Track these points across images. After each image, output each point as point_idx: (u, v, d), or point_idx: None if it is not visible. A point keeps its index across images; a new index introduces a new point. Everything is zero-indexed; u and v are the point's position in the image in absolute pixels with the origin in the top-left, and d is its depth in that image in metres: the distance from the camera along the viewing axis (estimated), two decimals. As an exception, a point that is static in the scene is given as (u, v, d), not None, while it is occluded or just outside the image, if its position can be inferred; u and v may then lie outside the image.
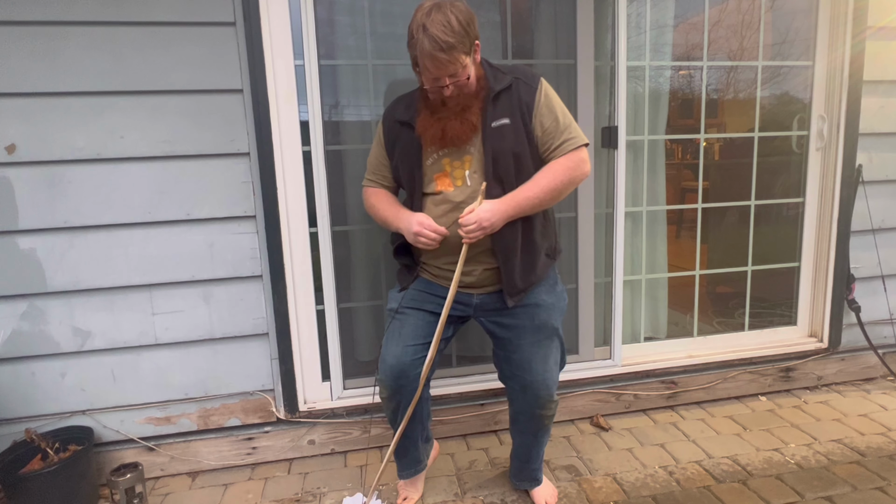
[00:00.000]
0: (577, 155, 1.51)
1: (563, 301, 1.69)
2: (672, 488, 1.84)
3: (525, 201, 1.48)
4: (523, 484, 1.84)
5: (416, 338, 1.61)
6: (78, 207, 1.81)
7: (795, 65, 2.45)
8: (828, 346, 2.53)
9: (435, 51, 1.36)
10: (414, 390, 1.61)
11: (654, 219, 2.46)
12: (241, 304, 1.97)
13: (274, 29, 1.87)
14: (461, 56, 1.40)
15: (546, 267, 1.63)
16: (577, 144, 1.51)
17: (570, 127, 1.52)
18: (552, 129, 1.51)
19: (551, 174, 1.50)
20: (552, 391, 1.64)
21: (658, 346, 2.47)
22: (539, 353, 1.62)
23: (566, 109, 1.55)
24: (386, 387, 1.62)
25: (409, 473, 1.83)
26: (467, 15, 1.41)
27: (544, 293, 1.63)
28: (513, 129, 1.49)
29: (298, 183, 1.97)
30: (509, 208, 1.47)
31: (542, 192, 1.49)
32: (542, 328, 1.62)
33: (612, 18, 2.13)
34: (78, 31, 1.72)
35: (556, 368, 1.67)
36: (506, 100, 1.50)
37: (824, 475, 1.88)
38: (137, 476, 1.79)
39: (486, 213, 1.45)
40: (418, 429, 1.76)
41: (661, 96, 2.40)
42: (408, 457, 1.80)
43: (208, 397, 2.01)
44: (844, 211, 2.42)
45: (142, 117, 1.80)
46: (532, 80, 1.52)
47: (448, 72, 1.41)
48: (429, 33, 1.36)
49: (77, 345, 1.88)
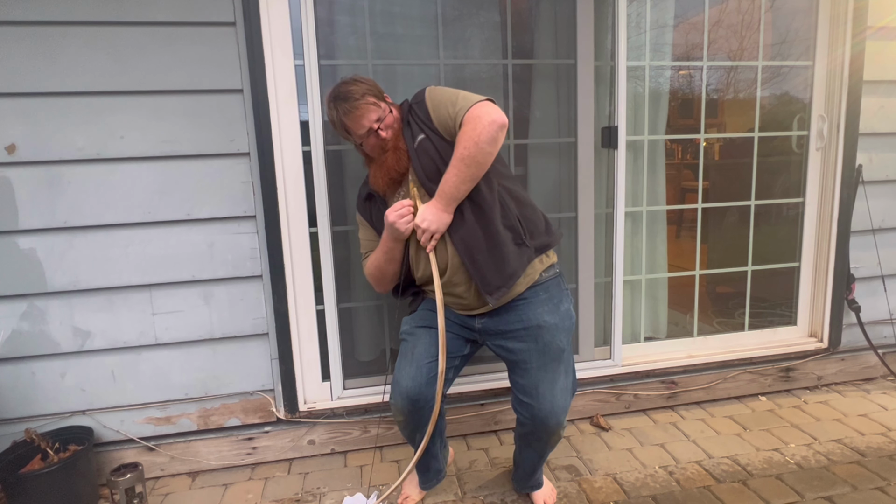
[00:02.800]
0: (472, 115, 1.43)
1: (570, 320, 1.62)
2: (672, 488, 1.84)
3: (445, 183, 1.45)
4: (526, 490, 1.83)
5: (429, 356, 1.60)
6: (78, 207, 1.81)
7: (795, 65, 2.45)
8: (828, 346, 2.53)
9: (349, 106, 1.50)
10: (431, 408, 1.58)
11: (654, 219, 2.46)
12: (241, 304, 1.97)
13: (274, 29, 1.87)
14: (376, 100, 1.53)
15: (520, 258, 1.53)
16: (467, 106, 1.45)
17: (455, 100, 1.49)
18: (445, 114, 1.50)
19: (458, 145, 1.44)
20: (561, 419, 1.55)
21: (658, 346, 2.47)
22: (546, 378, 1.55)
23: (452, 91, 1.53)
24: (400, 410, 1.59)
25: (432, 484, 1.85)
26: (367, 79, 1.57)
27: (547, 313, 1.56)
28: (429, 141, 1.52)
29: (298, 183, 1.97)
30: (438, 197, 1.47)
31: (454, 166, 1.43)
32: (546, 350, 1.55)
33: (612, 18, 2.13)
34: (78, 31, 1.72)
35: (565, 395, 1.58)
36: (413, 122, 1.56)
37: (824, 475, 1.88)
38: (137, 476, 1.79)
39: (419, 215, 1.50)
40: (438, 443, 1.78)
41: (661, 96, 2.40)
42: (431, 470, 1.82)
43: (208, 397, 2.01)
44: (844, 211, 2.42)
45: (142, 117, 1.80)
46: (418, 95, 1.58)
47: (372, 118, 1.52)
48: (337, 95, 1.52)
49: (77, 345, 1.88)
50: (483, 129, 1.40)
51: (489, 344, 1.67)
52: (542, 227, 1.62)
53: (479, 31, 2.14)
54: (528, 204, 1.62)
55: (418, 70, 2.11)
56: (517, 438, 1.74)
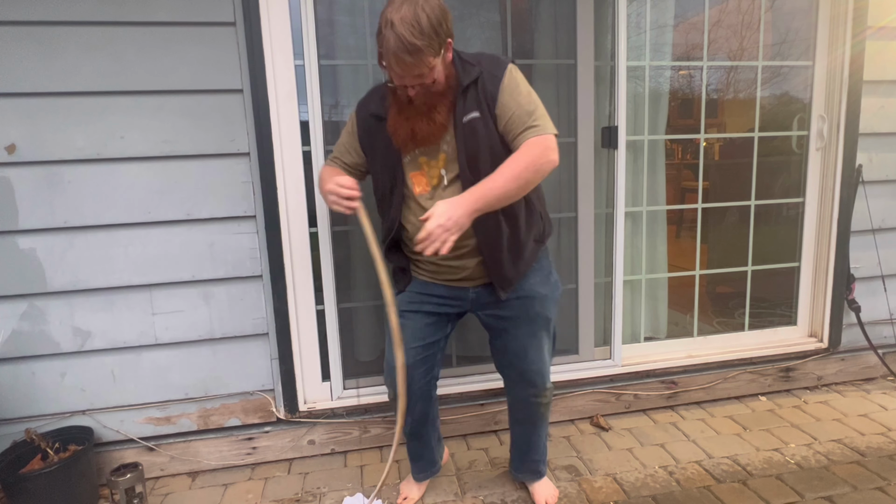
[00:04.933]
0: (543, 142, 1.39)
1: (558, 291, 1.68)
2: (672, 488, 1.84)
3: (490, 192, 1.36)
4: (524, 476, 1.84)
5: (415, 340, 1.63)
6: (78, 207, 1.81)
7: (795, 65, 2.45)
8: (828, 346, 2.53)
9: (400, 52, 1.29)
10: (419, 391, 1.67)
11: (654, 219, 2.46)
12: (241, 304, 1.97)
13: (274, 29, 1.86)
14: (428, 59, 1.32)
15: (534, 252, 1.60)
16: (542, 132, 1.41)
17: (534, 113, 1.42)
18: (516, 116, 1.41)
19: (514, 163, 1.38)
20: (546, 379, 1.70)
21: (658, 346, 2.47)
22: (534, 343, 1.65)
23: (534, 97, 1.45)
24: (392, 388, 1.69)
25: (424, 476, 1.85)
26: (439, 12, 1.31)
27: (539, 285, 1.62)
28: (483, 123, 1.42)
29: (298, 183, 1.97)
30: (473, 202, 1.35)
31: (505, 181, 1.36)
32: (536, 319, 1.63)
33: (612, 18, 2.13)
34: (78, 31, 1.72)
35: (549, 357, 1.71)
36: (474, 93, 1.43)
37: (824, 475, 1.88)
38: (137, 476, 1.78)
39: (443, 214, 1.32)
40: (429, 430, 1.79)
41: (661, 96, 2.40)
42: (423, 459, 1.82)
43: (208, 397, 2.01)
44: (844, 211, 2.42)
45: (142, 117, 1.80)
46: (497, 68, 1.43)
47: (413, 73, 1.34)
48: (396, 31, 1.27)
49: (77, 345, 1.88)
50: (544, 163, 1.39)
51: (479, 313, 1.68)
52: (548, 219, 1.67)
53: (479, 30, 2.14)
54: (538, 202, 1.62)
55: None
56: (510, 416, 1.82)
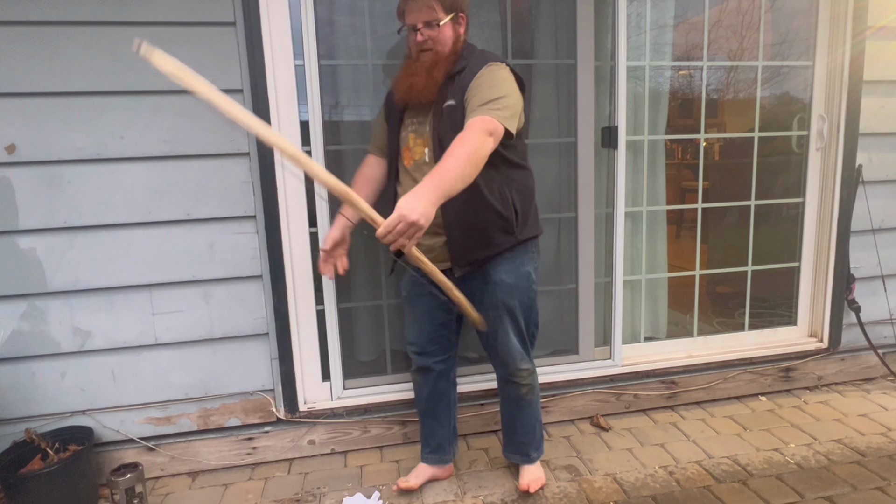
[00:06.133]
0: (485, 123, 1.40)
1: (527, 282, 1.70)
2: (672, 488, 1.84)
3: (446, 173, 1.30)
4: (511, 456, 1.89)
5: (425, 321, 1.78)
6: (78, 207, 1.81)
7: (795, 65, 2.45)
8: (828, 346, 2.53)
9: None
10: (436, 369, 1.82)
11: (654, 219, 2.46)
12: (241, 304, 1.97)
13: (274, 29, 1.86)
14: (437, 7, 1.52)
15: (503, 243, 1.63)
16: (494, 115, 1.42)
17: (490, 102, 1.44)
18: (474, 101, 1.47)
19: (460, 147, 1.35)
20: (517, 360, 1.75)
21: (658, 346, 2.47)
22: (501, 327, 1.71)
23: (504, 91, 1.47)
24: (412, 359, 1.85)
25: (432, 459, 1.90)
26: None
27: (504, 272, 1.65)
28: (456, 111, 1.52)
29: (298, 183, 1.97)
30: (432, 187, 1.27)
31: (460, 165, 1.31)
32: (499, 305, 1.68)
33: (612, 18, 2.13)
34: (78, 31, 1.72)
35: (516, 341, 1.74)
36: (457, 82, 1.55)
37: (824, 475, 1.88)
38: (137, 476, 1.78)
39: (409, 206, 1.22)
40: (444, 410, 1.88)
41: (661, 96, 2.40)
42: (434, 439, 1.89)
43: (208, 397, 2.01)
44: (844, 211, 2.42)
45: (142, 117, 1.80)
46: (479, 64, 1.54)
47: (422, 17, 1.53)
48: None
49: (77, 345, 1.88)
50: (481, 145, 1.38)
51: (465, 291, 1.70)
52: (533, 218, 1.72)
53: (479, 30, 2.14)
54: (528, 196, 1.69)
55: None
56: (499, 395, 1.90)
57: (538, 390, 1.86)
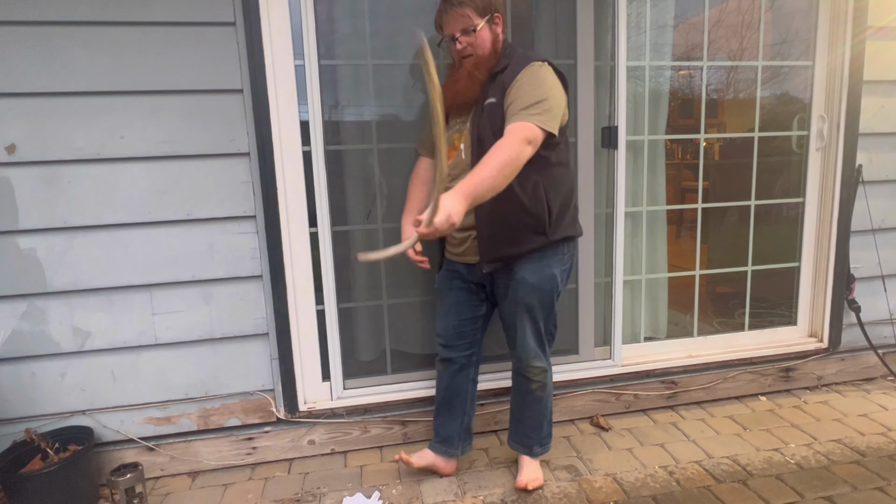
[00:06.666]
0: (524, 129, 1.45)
1: (550, 284, 1.70)
2: (672, 488, 1.84)
3: (479, 182, 1.40)
4: (514, 445, 1.91)
5: (451, 315, 1.84)
6: (78, 207, 1.81)
7: (795, 65, 2.45)
8: (828, 346, 2.53)
9: (446, 4, 1.56)
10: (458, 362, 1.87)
11: (654, 219, 2.46)
12: (241, 304, 1.97)
13: (274, 29, 1.86)
14: (472, 14, 1.55)
15: (533, 242, 1.65)
16: (533, 120, 1.46)
17: (530, 105, 1.48)
18: (513, 103, 1.51)
19: (497, 154, 1.43)
20: (530, 357, 1.77)
21: (658, 346, 2.47)
22: (518, 323, 1.74)
23: (545, 92, 1.50)
24: (439, 340, 1.90)
25: (438, 448, 1.93)
26: None
27: (529, 272, 1.67)
28: (496, 108, 1.55)
29: (298, 183, 1.97)
30: (466, 194, 1.38)
31: (492, 171, 1.40)
32: (520, 302, 1.71)
33: (612, 18, 2.13)
34: (78, 31, 1.72)
35: (532, 340, 1.75)
36: (499, 81, 1.58)
37: (824, 475, 1.88)
38: (137, 476, 1.78)
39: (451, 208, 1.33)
40: (458, 405, 1.91)
41: (661, 96, 2.40)
42: (445, 431, 1.92)
43: (208, 397, 2.01)
44: (844, 211, 2.42)
45: (142, 117, 1.80)
46: (520, 64, 1.55)
47: (458, 26, 1.57)
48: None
49: (77, 345, 1.88)
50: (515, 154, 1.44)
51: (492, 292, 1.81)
52: (570, 219, 1.72)
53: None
54: (566, 196, 1.70)
55: (419, 70, 2.11)
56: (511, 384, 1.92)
57: (551, 389, 1.86)
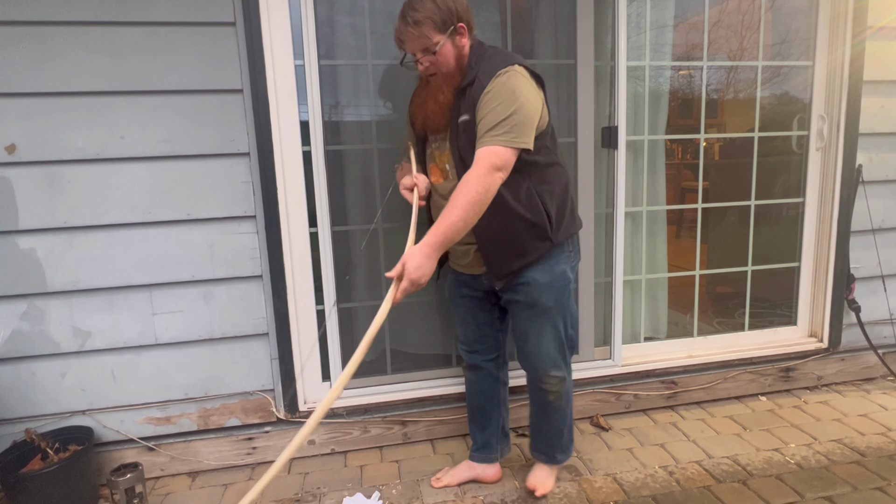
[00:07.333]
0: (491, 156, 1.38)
1: (562, 282, 1.66)
2: (672, 488, 1.84)
3: (450, 229, 1.37)
4: (538, 456, 1.86)
5: (468, 321, 1.82)
6: (78, 207, 1.81)
7: (795, 65, 2.45)
8: (828, 346, 2.53)
9: (402, 23, 1.45)
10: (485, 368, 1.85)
11: (654, 219, 2.46)
12: (241, 304, 1.97)
13: (274, 29, 1.86)
14: (430, 32, 1.44)
15: (539, 249, 1.60)
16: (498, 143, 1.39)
17: (497, 125, 1.39)
18: (483, 125, 1.42)
19: (465, 192, 1.37)
20: (547, 365, 1.70)
21: (658, 346, 2.47)
22: (534, 329, 1.67)
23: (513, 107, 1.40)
24: (462, 347, 1.88)
25: (478, 457, 1.90)
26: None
27: (538, 273, 1.62)
28: (472, 125, 1.46)
29: (298, 183, 1.97)
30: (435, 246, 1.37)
31: (462, 213, 1.37)
32: (534, 305, 1.64)
33: (612, 18, 2.13)
34: (78, 31, 1.72)
35: (552, 346, 1.69)
36: (468, 95, 1.49)
37: (824, 475, 1.88)
38: (137, 476, 1.78)
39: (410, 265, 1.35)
40: (493, 408, 1.88)
41: (661, 96, 2.40)
42: (482, 436, 1.90)
43: (208, 397, 2.01)
44: (844, 211, 2.42)
45: (142, 117, 1.80)
46: (487, 76, 1.44)
47: (418, 46, 1.47)
48: (404, 5, 1.46)
49: (77, 345, 1.88)
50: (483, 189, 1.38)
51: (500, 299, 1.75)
52: (569, 217, 1.66)
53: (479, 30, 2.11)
54: (562, 195, 1.63)
55: (418, 70, 2.11)
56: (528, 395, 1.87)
57: (570, 395, 1.80)
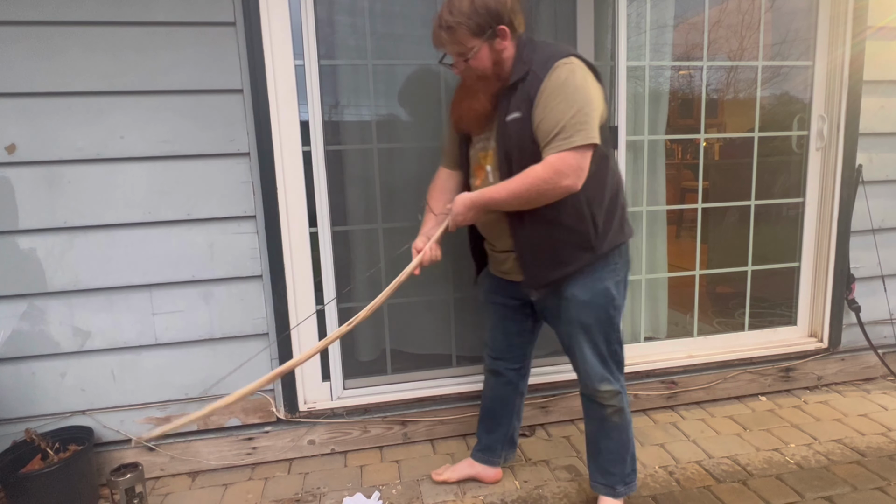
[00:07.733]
0: (557, 163, 1.35)
1: (604, 299, 1.54)
2: (672, 488, 1.84)
3: (492, 198, 1.45)
4: (596, 487, 1.71)
5: (500, 330, 1.80)
6: (78, 207, 1.81)
7: (795, 65, 2.45)
8: (828, 346, 2.53)
9: (436, 27, 1.43)
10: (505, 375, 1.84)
11: (654, 219, 2.46)
12: (241, 304, 1.97)
13: (274, 29, 1.86)
14: (465, 37, 1.40)
15: (580, 260, 1.50)
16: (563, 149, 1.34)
17: (565, 124, 1.34)
18: (543, 126, 1.38)
19: (521, 179, 1.39)
20: (593, 380, 1.60)
21: (658, 346, 2.47)
22: (575, 345, 1.60)
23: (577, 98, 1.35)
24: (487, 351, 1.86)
25: (480, 457, 1.90)
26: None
27: (579, 289, 1.52)
28: (522, 124, 1.41)
29: (298, 183, 1.97)
30: (476, 201, 1.47)
31: (508, 194, 1.42)
32: (572, 322, 1.57)
33: (612, 18, 2.13)
34: (78, 31, 1.72)
35: (595, 361, 1.59)
36: (521, 91, 1.41)
37: (824, 475, 1.88)
38: (137, 476, 1.78)
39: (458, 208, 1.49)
40: (504, 415, 1.87)
41: (661, 96, 2.40)
42: (487, 439, 1.88)
43: (208, 397, 2.00)
44: (844, 211, 2.42)
45: (142, 117, 1.80)
46: (543, 68, 1.37)
47: (454, 50, 1.44)
48: (441, 8, 1.42)
49: (77, 345, 1.88)
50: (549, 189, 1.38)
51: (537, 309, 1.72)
52: (618, 225, 1.54)
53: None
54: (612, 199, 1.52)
55: (419, 70, 2.11)
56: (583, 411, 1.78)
57: (629, 415, 1.66)
